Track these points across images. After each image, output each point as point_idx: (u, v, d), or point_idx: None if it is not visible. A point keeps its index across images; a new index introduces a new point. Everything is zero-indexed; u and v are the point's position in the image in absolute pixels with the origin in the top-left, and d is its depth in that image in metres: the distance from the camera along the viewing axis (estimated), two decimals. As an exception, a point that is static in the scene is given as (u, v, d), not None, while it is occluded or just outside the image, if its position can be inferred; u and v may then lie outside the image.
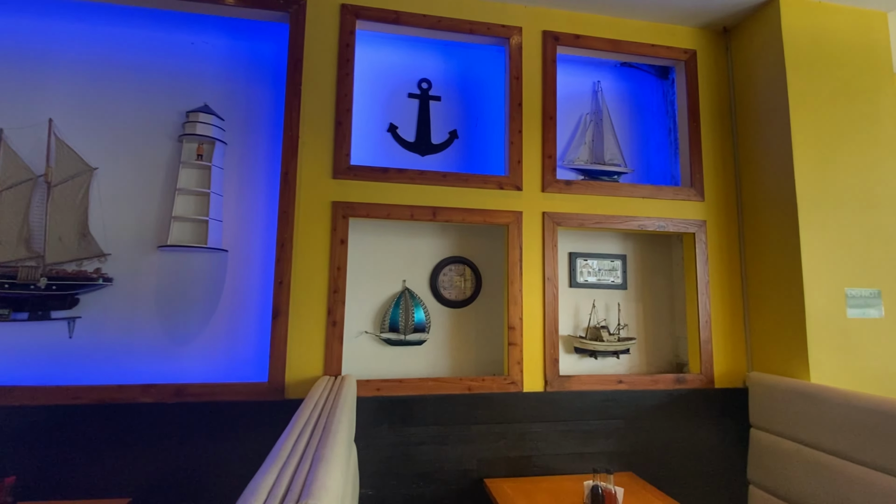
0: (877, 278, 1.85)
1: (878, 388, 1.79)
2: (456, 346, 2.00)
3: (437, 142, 2.12)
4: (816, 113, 1.91)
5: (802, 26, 1.96)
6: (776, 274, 1.91)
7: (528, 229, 1.93)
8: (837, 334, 1.79)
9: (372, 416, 1.71)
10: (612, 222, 2.02)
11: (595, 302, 2.17)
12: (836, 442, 1.53)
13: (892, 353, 1.82)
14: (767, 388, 1.83)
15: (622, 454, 1.87)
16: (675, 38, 2.18)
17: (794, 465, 1.66)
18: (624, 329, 2.16)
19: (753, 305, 2.03)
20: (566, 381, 1.87)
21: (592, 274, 2.21)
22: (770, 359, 1.93)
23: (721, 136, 2.18)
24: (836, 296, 1.81)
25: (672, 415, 1.94)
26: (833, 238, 1.84)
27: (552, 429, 1.83)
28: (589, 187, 2.03)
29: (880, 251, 1.87)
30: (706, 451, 1.94)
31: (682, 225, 2.07)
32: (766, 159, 2.00)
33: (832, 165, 1.89)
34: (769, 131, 1.99)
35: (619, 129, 2.30)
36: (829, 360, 1.77)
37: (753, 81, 2.09)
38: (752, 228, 2.06)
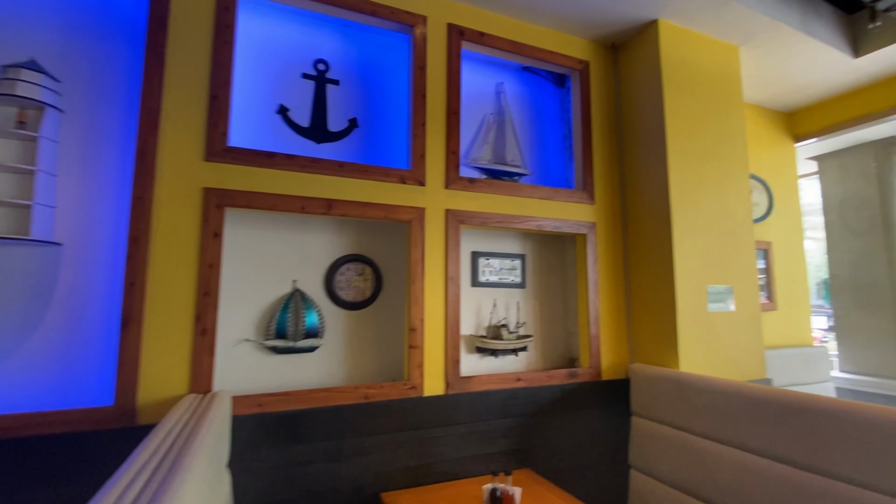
0: (730, 276, 2.12)
1: (732, 372, 2.06)
2: (354, 351, 1.85)
3: (335, 129, 1.95)
4: (686, 130, 2.13)
5: (676, 51, 2.18)
6: (653, 273, 2.10)
7: (431, 227, 1.86)
8: (701, 327, 2.01)
9: (251, 437, 1.49)
10: (513, 222, 2.04)
11: (496, 301, 2.18)
12: (701, 423, 1.70)
13: (741, 342, 2.11)
14: (645, 378, 1.99)
15: (521, 451, 1.89)
16: (571, 47, 2.29)
17: (668, 448, 1.82)
18: (522, 327, 2.20)
19: (635, 302, 2.21)
20: (467, 382, 1.83)
21: (494, 273, 2.22)
22: (648, 351, 2.11)
23: (610, 145, 2.34)
24: (699, 292, 2.03)
25: (565, 408, 2.02)
26: (698, 241, 2.07)
27: (453, 432, 1.78)
28: (491, 186, 2.02)
29: (732, 253, 2.15)
30: (595, 441, 2.05)
31: (574, 226, 2.17)
32: (646, 170, 2.18)
33: (698, 178, 2.12)
34: (649, 144, 2.17)
35: (521, 131, 2.35)
36: (694, 350, 1.98)
37: (636, 97, 2.27)
38: (634, 232, 2.24)
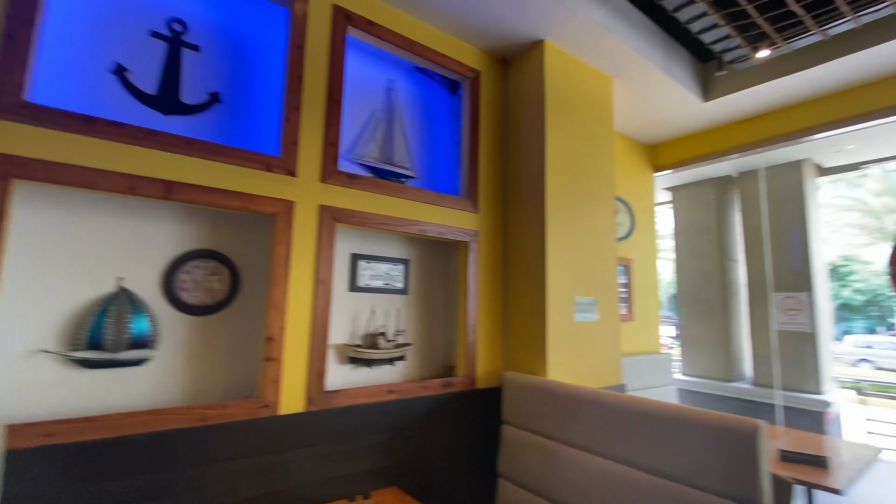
0: (595, 289, 2.27)
1: (593, 378, 2.19)
2: (197, 365, 1.57)
3: (191, 102, 1.66)
4: (564, 150, 2.24)
5: (559, 73, 2.28)
6: (528, 284, 2.15)
7: (302, 223, 1.67)
8: (568, 335, 2.10)
9: (36, 476, 1.15)
10: (396, 224, 1.94)
11: (374, 307, 2.05)
12: (563, 430, 1.76)
13: (602, 350, 2.26)
14: (516, 386, 2.02)
15: (389, 469, 1.77)
16: (464, 54, 2.27)
17: (534, 456, 1.85)
18: (401, 335, 2.10)
19: (511, 311, 2.24)
20: (332, 396, 1.67)
21: (376, 277, 2.09)
22: (521, 359, 2.15)
23: (496, 156, 2.37)
24: (568, 303, 2.13)
25: (439, 419, 1.96)
26: (569, 255, 2.17)
27: (312, 454, 1.59)
28: (374, 185, 1.90)
29: (598, 267, 2.31)
30: (468, 451, 2.02)
31: (458, 233, 2.14)
32: (526, 184, 2.24)
33: (571, 196, 2.24)
34: (530, 159, 2.23)
35: (411, 133, 2.27)
36: (561, 358, 2.06)
37: (522, 113, 2.33)
38: (514, 242, 2.28)
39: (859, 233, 13.89)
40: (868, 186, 13.67)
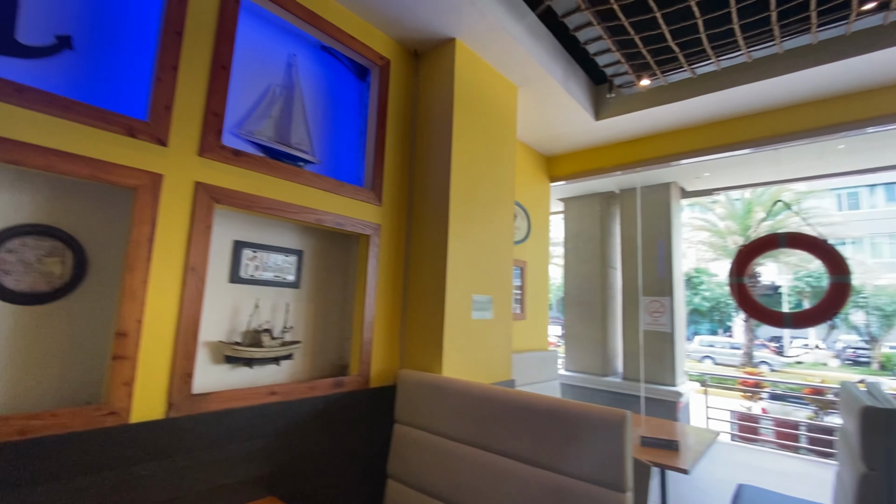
0: (492, 287, 2.33)
1: (485, 375, 2.24)
2: (23, 364, 1.27)
3: (32, 43, 1.34)
4: (469, 151, 2.27)
5: (469, 74, 2.31)
6: (429, 281, 2.13)
7: (171, 200, 1.45)
8: (464, 333, 2.13)
9: None
10: (290, 211, 1.78)
11: (260, 301, 1.86)
12: (454, 427, 1.77)
13: (495, 347, 2.33)
14: (410, 384, 1.99)
15: (266, 478, 1.62)
16: (374, 40, 2.19)
17: (425, 454, 1.84)
18: (289, 332, 1.95)
19: (410, 308, 2.21)
20: (201, 400, 1.47)
21: (263, 269, 1.90)
22: (417, 356, 2.12)
23: (403, 150, 2.32)
24: (465, 301, 2.16)
25: (328, 422, 1.84)
26: (469, 254, 2.21)
27: (172, 466, 1.39)
28: (266, 166, 1.73)
29: (495, 267, 2.38)
30: (358, 454, 1.93)
31: (359, 226, 2.04)
32: (432, 181, 2.23)
33: (474, 196, 2.28)
34: (436, 156, 2.23)
35: (312, 115, 2.12)
36: (457, 355, 2.08)
37: (431, 109, 2.31)
38: (416, 239, 2.25)
39: (708, 249, 16.49)
40: (716, 211, 16.28)
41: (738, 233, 15.35)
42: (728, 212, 16.01)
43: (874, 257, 19.28)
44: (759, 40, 2.23)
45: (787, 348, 19.29)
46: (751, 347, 15.87)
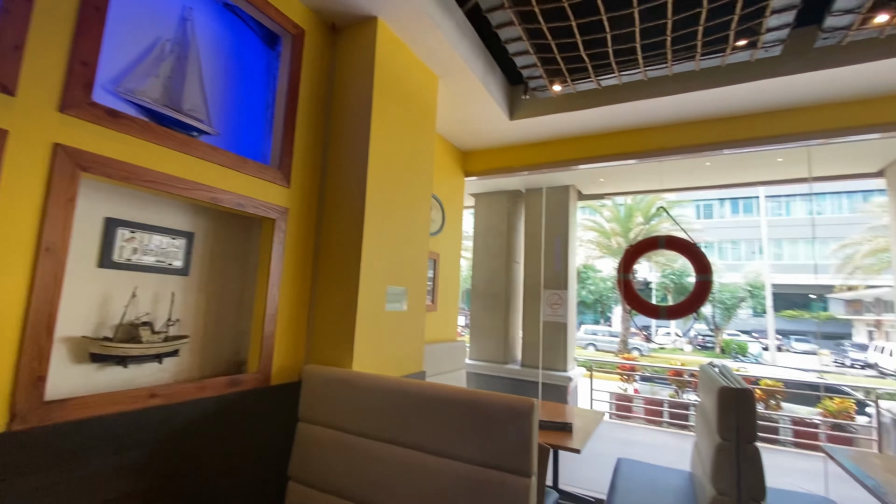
0: (406, 279, 2.30)
1: (396, 368, 2.20)
2: None
3: None
4: (388, 138, 2.19)
5: (391, 58, 2.22)
6: (341, 271, 2.03)
7: (19, 163, 1.16)
8: (377, 325, 2.07)
9: None
10: (178, 186, 1.55)
11: (138, 290, 1.60)
12: (363, 422, 1.70)
13: (408, 339, 2.30)
14: (317, 380, 1.87)
15: (143, 493, 1.40)
16: (286, 4, 1.99)
17: (331, 452, 1.74)
18: (175, 325, 1.71)
19: (319, 300, 2.08)
20: (58, 408, 1.22)
21: (143, 252, 1.64)
22: (325, 351, 2.01)
23: (315, 130, 2.16)
24: (380, 292, 2.09)
25: (222, 425, 1.66)
26: (384, 244, 2.14)
27: (21, 488, 1.13)
28: (150, 132, 1.48)
29: (410, 258, 2.34)
30: (256, 457, 1.77)
31: (263, 208, 1.86)
32: (347, 165, 2.11)
33: (391, 185, 2.21)
34: (353, 140, 2.11)
35: (212, 81, 1.87)
36: (369, 348, 2.01)
37: (348, 89, 2.19)
38: (329, 226, 2.12)
39: (595, 248, 18.29)
40: (604, 213, 18.10)
41: (620, 234, 17.25)
42: (613, 215, 17.91)
43: (721, 259, 23.08)
44: (654, 62, 2.48)
45: (654, 336, 22.28)
46: (626, 335, 18.02)
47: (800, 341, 21.95)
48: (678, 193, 18.25)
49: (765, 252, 21.93)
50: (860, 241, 15.15)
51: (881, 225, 14.32)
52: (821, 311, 23.58)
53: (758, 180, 4.68)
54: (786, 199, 23.64)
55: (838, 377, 13.69)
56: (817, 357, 19.87)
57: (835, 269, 16.67)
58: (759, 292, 20.75)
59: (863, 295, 19.28)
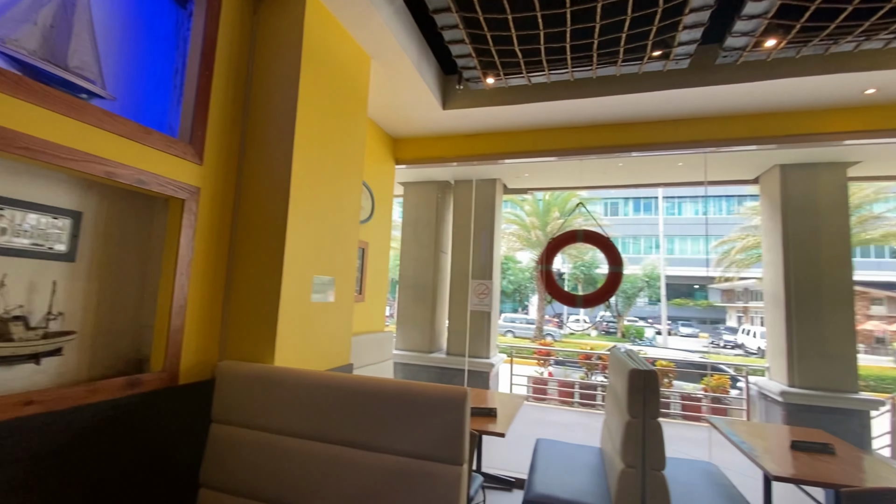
0: (334, 268, 2.19)
1: (323, 361, 2.11)
2: None
3: None
4: (317, 118, 2.06)
5: (320, 33, 2.08)
6: (262, 259, 1.87)
7: None
8: (302, 317, 1.95)
9: None
10: (63, 157, 1.31)
11: (6, 278, 1.34)
12: (286, 421, 1.60)
13: (335, 331, 2.20)
14: (234, 378, 1.72)
15: (12, 518, 1.19)
16: (201, -41, 1.77)
17: (250, 454, 1.62)
18: (58, 320, 1.46)
19: (236, 290, 1.91)
20: None
21: (14, 233, 1.37)
22: (243, 345, 1.85)
23: (234, 104, 1.96)
24: (305, 282, 1.97)
25: (119, 431, 1.46)
26: (311, 231, 2.02)
27: None
28: (25, 89, 1.23)
29: (339, 247, 2.24)
30: (161, 465, 1.59)
31: (171, 186, 1.65)
32: (270, 143, 1.95)
33: (320, 169, 2.09)
34: (278, 117, 1.95)
35: (107, 37, 1.60)
36: (292, 341, 1.89)
37: (272, 62, 2.01)
38: (247, 209, 1.95)
39: (516, 241, 19.12)
40: (525, 208, 18.95)
41: (539, 227, 18.20)
42: (533, 209, 18.83)
43: (624, 253, 25.38)
44: (581, 63, 2.60)
45: (566, 323, 23.97)
46: (542, 323, 19.16)
47: (685, 326, 25.11)
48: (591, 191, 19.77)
49: (661, 247, 24.51)
50: (735, 238, 17.52)
51: (752, 225, 16.71)
52: (702, 300, 27.10)
53: (661, 181, 5.18)
54: (678, 201, 26.66)
55: (715, 357, 15.82)
56: (698, 339, 22.83)
57: (714, 263, 19.16)
58: (655, 283, 23.22)
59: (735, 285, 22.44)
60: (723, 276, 19.21)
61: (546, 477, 2.38)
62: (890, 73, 2.47)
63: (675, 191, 25.79)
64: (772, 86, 2.69)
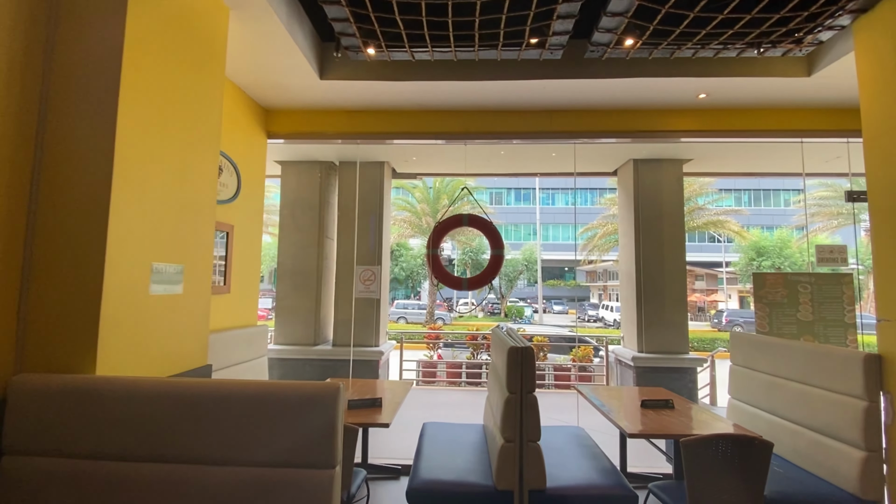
0: (183, 255, 1.85)
1: (171, 365, 1.77)
2: None
3: None
4: (152, 66, 1.68)
5: (156, -38, 1.69)
6: (76, 242, 1.47)
7: None
8: (136, 314, 1.59)
9: None
10: None
11: None
12: (114, 442, 1.29)
13: (186, 328, 1.86)
14: (35, 395, 1.34)
15: None
16: None
17: (59, 489, 1.27)
18: None
19: (36, 281, 1.48)
20: None
21: None
22: (50, 354, 1.45)
23: (26, 33, 1.49)
24: (141, 271, 1.62)
25: None
26: (148, 207, 1.65)
27: None
28: None
29: (190, 229, 1.89)
30: None
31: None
32: (86, 92, 1.53)
33: (160, 130, 1.72)
34: (96, 61, 1.54)
35: None
36: (122, 345, 1.54)
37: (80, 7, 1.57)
38: (51, 177, 1.51)
39: (408, 227, 19.15)
40: (415, 194, 19.03)
41: (430, 214, 18.46)
42: (423, 196, 19.01)
43: (506, 239, 27.15)
44: (464, 44, 2.56)
45: (455, 306, 24.89)
46: (433, 307, 19.60)
47: (557, 304, 28.03)
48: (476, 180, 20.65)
49: (538, 234, 26.75)
50: (597, 226, 19.88)
51: (610, 214, 19.13)
52: (571, 280, 30.45)
53: (538, 171, 5.54)
54: (552, 192, 29.36)
55: (582, 330, 17.88)
56: (567, 316, 25.63)
57: (581, 248, 21.55)
58: (533, 266, 25.34)
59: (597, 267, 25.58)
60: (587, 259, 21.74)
61: (431, 461, 2.36)
62: (718, 81, 2.90)
63: (549, 182, 28.30)
64: (629, 84, 2.98)
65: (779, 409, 2.53)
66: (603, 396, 2.94)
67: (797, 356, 2.44)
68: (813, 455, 2.26)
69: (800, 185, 21.34)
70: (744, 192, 26.00)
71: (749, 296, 22.85)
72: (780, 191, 27.14)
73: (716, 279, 23.43)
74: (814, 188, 18.34)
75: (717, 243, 22.45)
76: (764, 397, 2.65)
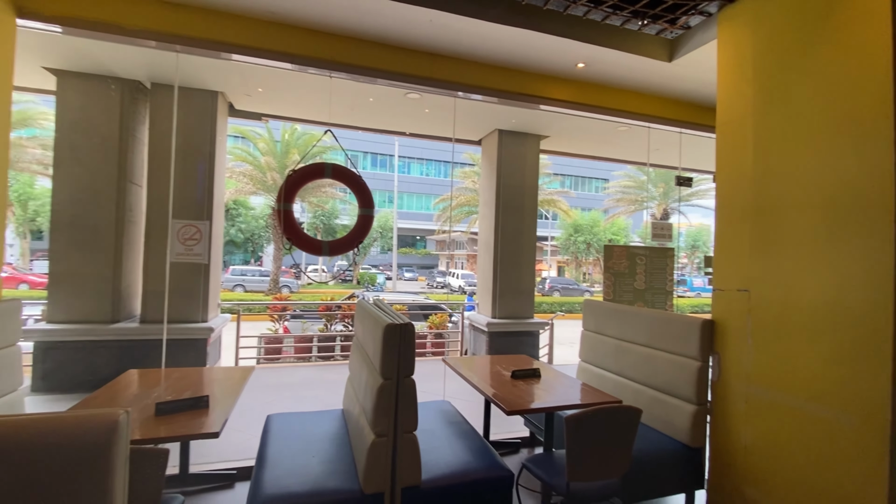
0: None
1: None
2: None
3: None
4: None
5: None
6: None
7: None
8: None
9: None
10: None
11: None
12: None
13: None
14: None
15: None
16: None
17: None
18: None
19: None
20: None
21: None
22: None
23: None
24: None
25: None
26: None
27: None
28: None
29: None
30: None
31: None
32: None
33: None
34: None
35: None
36: None
37: None
38: None
39: (248, 182, 16.80)
40: (259, 145, 16.71)
41: (277, 170, 16.46)
42: (270, 148, 16.81)
43: (362, 204, 26.32)
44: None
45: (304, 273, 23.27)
46: (277, 274, 17.86)
47: (408, 271, 28.65)
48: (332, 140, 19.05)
49: (395, 202, 26.53)
50: (451, 197, 20.58)
51: (465, 187, 19.94)
52: (422, 249, 31.37)
53: (407, 131, 5.12)
54: (409, 161, 29.35)
55: (433, 296, 18.53)
56: (418, 282, 26.39)
57: (436, 218, 22.12)
58: (388, 234, 25.14)
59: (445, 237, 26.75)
60: (441, 229, 22.48)
61: (278, 468, 1.87)
62: (598, 51, 2.88)
63: (407, 151, 28.13)
64: (517, 36, 2.76)
65: (625, 371, 2.72)
66: (471, 368, 2.80)
67: (644, 322, 2.64)
68: (652, 410, 2.48)
69: (608, 175, 25.45)
70: (567, 178, 29.92)
71: (565, 265, 26.88)
72: (593, 179, 32.21)
73: (542, 251, 26.76)
74: (618, 178, 22.18)
75: (545, 220, 25.45)
76: (612, 360, 2.84)
